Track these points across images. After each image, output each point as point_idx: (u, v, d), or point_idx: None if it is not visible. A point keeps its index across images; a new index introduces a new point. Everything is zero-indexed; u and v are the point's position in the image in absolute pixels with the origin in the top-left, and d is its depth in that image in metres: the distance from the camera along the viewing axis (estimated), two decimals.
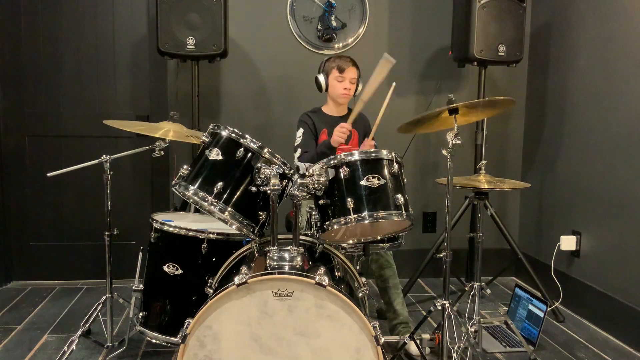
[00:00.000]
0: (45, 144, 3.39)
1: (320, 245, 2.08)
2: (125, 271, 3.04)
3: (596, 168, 2.92)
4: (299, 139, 2.72)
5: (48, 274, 3.45)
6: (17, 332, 2.70)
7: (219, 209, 1.90)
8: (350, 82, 2.70)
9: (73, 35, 3.34)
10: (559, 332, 2.82)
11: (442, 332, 2.05)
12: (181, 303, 2.24)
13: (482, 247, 2.39)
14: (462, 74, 3.57)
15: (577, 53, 3.10)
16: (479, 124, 3.23)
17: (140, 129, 2.33)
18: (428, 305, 3.08)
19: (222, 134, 1.97)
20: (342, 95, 2.71)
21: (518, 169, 3.69)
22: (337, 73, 2.69)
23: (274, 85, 3.46)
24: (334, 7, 3.42)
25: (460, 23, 3.10)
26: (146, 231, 2.37)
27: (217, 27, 2.87)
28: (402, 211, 1.92)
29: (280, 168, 1.92)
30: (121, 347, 2.46)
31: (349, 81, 2.69)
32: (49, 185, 3.32)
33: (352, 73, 2.70)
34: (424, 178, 3.61)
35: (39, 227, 3.43)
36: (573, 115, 3.13)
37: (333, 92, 2.74)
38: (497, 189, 2.33)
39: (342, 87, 2.70)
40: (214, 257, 2.22)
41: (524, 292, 2.76)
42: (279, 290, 1.68)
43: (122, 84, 3.40)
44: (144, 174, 3.47)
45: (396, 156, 1.98)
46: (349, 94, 2.72)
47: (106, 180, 2.31)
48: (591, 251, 2.97)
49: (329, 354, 1.69)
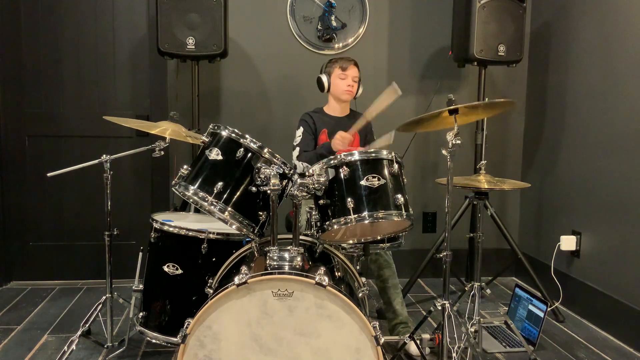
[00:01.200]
0: (45, 144, 3.39)
1: (320, 245, 2.08)
2: (125, 271, 3.04)
3: (596, 168, 2.92)
4: (299, 138, 2.74)
5: (48, 274, 3.45)
6: (17, 332, 2.70)
7: (219, 209, 1.90)
8: (352, 80, 2.75)
9: (73, 35, 3.34)
10: (559, 332, 2.82)
11: (442, 332, 2.05)
12: (181, 303, 2.24)
13: (482, 247, 2.39)
14: (462, 74, 3.57)
15: (577, 53, 3.10)
16: (479, 124, 3.23)
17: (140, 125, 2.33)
18: (428, 305, 3.08)
19: (222, 134, 1.97)
20: (346, 92, 2.75)
21: (518, 169, 3.69)
22: (339, 71, 2.74)
23: (274, 85, 3.46)
24: (334, 7, 3.42)
25: (460, 23, 3.10)
26: (146, 231, 2.37)
27: (217, 27, 2.87)
28: (402, 211, 1.92)
29: (280, 168, 1.92)
30: (121, 347, 2.46)
31: (351, 79, 2.75)
32: (49, 185, 3.32)
33: (354, 72, 2.76)
34: (424, 178, 3.61)
35: (39, 227, 3.43)
36: (573, 115, 3.13)
37: (336, 90, 2.77)
38: (497, 189, 2.33)
39: (346, 84, 2.75)
40: (214, 257, 2.22)
41: (524, 292, 2.76)
42: (279, 290, 1.68)
43: (122, 84, 3.40)
44: (144, 174, 3.47)
45: (396, 156, 1.99)
46: (352, 91, 2.76)
47: (106, 180, 2.31)
48: (591, 251, 2.97)
49: (329, 354, 1.69)
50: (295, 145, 2.74)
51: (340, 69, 2.74)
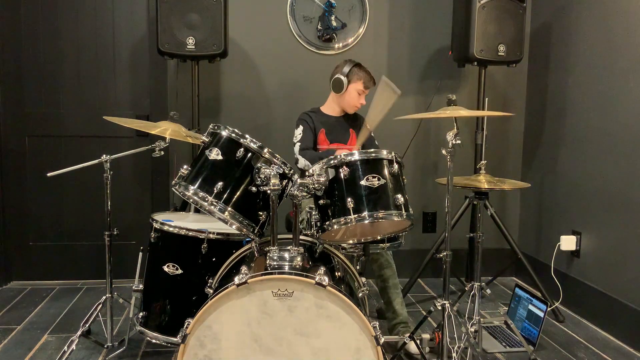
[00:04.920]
0: (45, 144, 3.39)
1: (320, 245, 2.08)
2: (125, 271, 3.04)
3: (596, 168, 2.92)
4: (299, 135, 2.75)
5: (48, 274, 3.45)
6: (17, 332, 2.71)
7: (219, 209, 1.90)
8: (365, 99, 2.77)
9: (73, 35, 3.34)
10: (559, 332, 2.82)
11: (442, 332, 2.05)
12: (181, 303, 2.24)
13: (482, 247, 2.39)
14: (462, 74, 3.57)
15: (577, 53, 3.10)
16: (479, 124, 3.23)
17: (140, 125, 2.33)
18: (428, 305, 3.08)
19: (222, 133, 1.97)
20: (355, 107, 2.78)
21: (518, 169, 3.70)
22: (361, 87, 2.74)
23: (274, 85, 3.46)
24: (334, 7, 3.42)
25: (460, 23, 3.10)
26: (146, 231, 2.37)
27: (217, 27, 2.87)
28: (402, 211, 1.92)
29: (280, 168, 1.92)
30: (121, 347, 2.46)
31: (364, 97, 2.77)
32: (49, 185, 3.32)
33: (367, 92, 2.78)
34: (424, 178, 3.61)
35: (39, 227, 3.43)
36: (573, 115, 3.13)
37: (347, 101, 2.78)
38: (497, 189, 2.33)
39: (359, 101, 2.77)
40: (214, 257, 2.22)
41: (524, 292, 2.76)
42: (279, 290, 1.68)
43: (122, 84, 3.40)
44: (144, 174, 3.47)
45: (396, 156, 1.99)
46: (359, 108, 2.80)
47: (106, 180, 2.31)
48: (591, 251, 2.97)
49: (329, 354, 1.69)
50: (296, 142, 2.74)
51: (364, 86, 2.73)
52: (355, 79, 2.73)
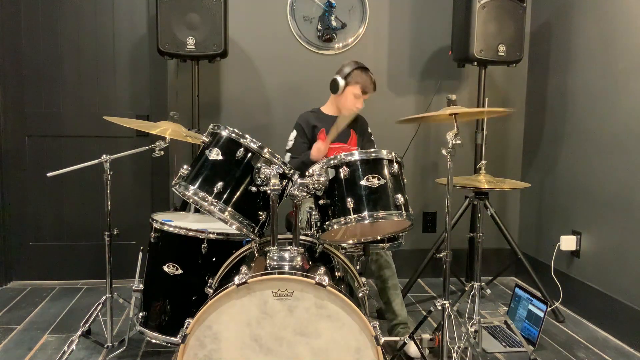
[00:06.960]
0: (45, 144, 3.39)
1: (320, 245, 2.08)
2: (125, 271, 3.04)
3: (596, 168, 2.92)
4: (291, 142, 2.76)
5: (48, 274, 3.45)
6: (17, 332, 2.71)
7: (219, 209, 1.90)
8: (363, 103, 2.74)
9: (73, 35, 3.34)
10: (559, 332, 2.82)
11: (442, 332, 2.05)
12: (181, 303, 2.24)
13: (482, 247, 2.39)
14: (462, 74, 3.57)
15: (577, 53, 3.10)
16: (479, 124, 3.23)
17: (140, 125, 2.33)
18: (428, 305, 3.08)
19: (222, 134, 1.97)
20: (353, 110, 2.74)
21: (518, 169, 3.69)
22: (358, 90, 2.71)
23: (274, 85, 3.46)
24: (334, 7, 3.42)
25: (460, 23, 3.10)
26: (146, 231, 2.37)
27: (217, 27, 2.87)
28: (402, 211, 1.92)
29: (280, 168, 1.92)
30: (121, 347, 2.45)
31: (362, 101, 2.74)
32: (49, 185, 3.32)
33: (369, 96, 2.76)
34: (424, 178, 3.61)
35: (39, 227, 3.43)
36: (573, 115, 3.13)
37: (344, 103, 2.75)
38: (497, 189, 2.33)
39: (356, 104, 2.73)
40: (214, 257, 2.22)
41: (524, 292, 2.76)
42: (279, 290, 1.68)
43: (122, 84, 3.40)
44: (144, 174, 3.47)
45: (396, 156, 1.99)
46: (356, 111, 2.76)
47: (106, 180, 2.31)
48: (591, 251, 2.97)
49: (329, 354, 1.69)
50: (287, 150, 2.75)
51: (362, 90, 2.70)
52: (354, 82, 2.71)
